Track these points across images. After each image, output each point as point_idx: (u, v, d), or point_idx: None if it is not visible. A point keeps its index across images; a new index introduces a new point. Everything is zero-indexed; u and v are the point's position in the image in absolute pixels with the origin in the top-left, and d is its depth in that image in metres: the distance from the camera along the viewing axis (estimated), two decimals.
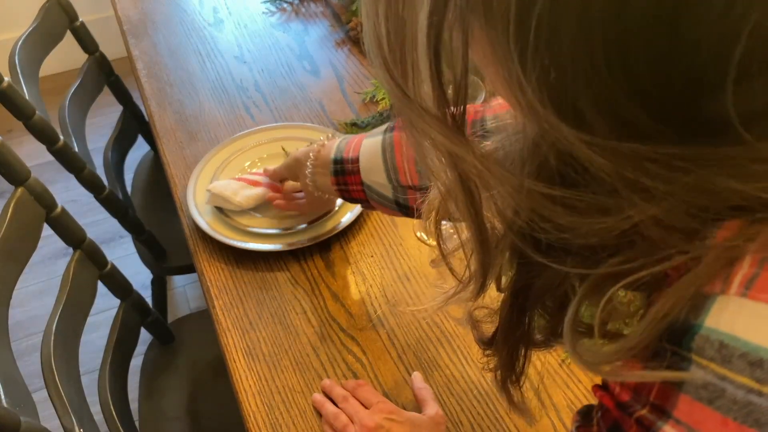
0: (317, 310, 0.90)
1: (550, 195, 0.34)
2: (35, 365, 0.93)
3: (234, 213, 1.01)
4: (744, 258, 0.30)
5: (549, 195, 0.34)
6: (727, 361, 0.30)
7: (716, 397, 0.31)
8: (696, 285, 0.31)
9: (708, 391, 0.31)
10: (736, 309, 0.30)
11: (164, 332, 1.26)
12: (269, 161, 1.08)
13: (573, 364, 0.82)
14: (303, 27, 1.45)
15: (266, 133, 1.14)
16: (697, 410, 0.32)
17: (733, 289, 0.30)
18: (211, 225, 0.99)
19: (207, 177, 1.06)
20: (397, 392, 0.81)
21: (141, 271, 1.88)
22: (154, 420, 1.16)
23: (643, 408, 0.35)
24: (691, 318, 0.31)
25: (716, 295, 0.31)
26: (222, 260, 0.97)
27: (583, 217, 0.33)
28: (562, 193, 0.34)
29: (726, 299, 0.30)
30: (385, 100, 1.14)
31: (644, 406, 0.35)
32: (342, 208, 1.01)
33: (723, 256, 0.31)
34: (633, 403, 0.36)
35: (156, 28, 1.47)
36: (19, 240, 0.92)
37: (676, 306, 0.32)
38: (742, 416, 0.30)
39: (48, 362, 0.89)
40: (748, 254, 0.30)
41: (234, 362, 0.85)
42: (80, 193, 1.38)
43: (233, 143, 1.12)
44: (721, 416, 0.31)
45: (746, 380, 0.30)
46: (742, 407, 0.30)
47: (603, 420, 0.38)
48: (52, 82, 2.11)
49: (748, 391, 0.30)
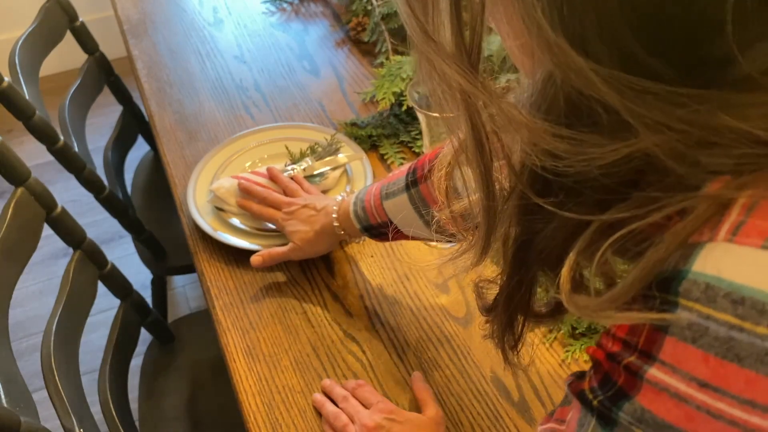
0: (317, 310, 0.90)
1: (559, 133, 0.35)
2: (35, 365, 0.93)
3: (234, 213, 1.01)
4: (733, 207, 0.32)
5: (557, 133, 0.36)
6: (711, 300, 0.31)
7: (700, 336, 0.32)
8: (686, 234, 0.33)
9: (692, 331, 0.32)
10: (722, 253, 0.32)
11: (164, 332, 1.26)
12: (270, 161, 1.08)
13: (573, 364, 0.82)
14: (303, 27, 1.45)
15: (267, 133, 1.14)
16: (680, 350, 0.33)
17: (721, 236, 0.32)
18: (211, 225, 0.99)
19: (207, 177, 1.06)
20: (397, 392, 0.81)
21: (141, 271, 1.88)
22: (154, 420, 1.16)
23: (632, 356, 0.36)
24: (680, 264, 0.33)
25: (704, 243, 0.32)
26: (222, 260, 0.97)
27: (588, 149, 0.35)
28: (569, 130, 0.35)
29: (713, 245, 0.32)
30: (385, 100, 1.14)
31: (633, 354, 0.36)
32: None
33: (713, 205, 0.32)
34: (622, 352, 0.37)
35: (156, 28, 1.47)
36: (20, 240, 0.92)
37: (666, 254, 0.33)
38: (722, 352, 0.31)
39: (48, 362, 0.89)
40: (737, 204, 0.32)
41: (234, 362, 0.85)
42: (80, 193, 1.38)
43: (233, 143, 1.12)
44: (702, 353, 0.32)
45: (729, 317, 0.31)
46: (723, 343, 0.31)
47: (595, 375, 0.39)
48: (52, 82, 2.11)
49: (730, 328, 0.31)
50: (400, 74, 1.17)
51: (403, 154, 1.11)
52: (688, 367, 0.33)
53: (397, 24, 1.31)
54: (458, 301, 0.90)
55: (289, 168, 1.04)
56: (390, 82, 1.16)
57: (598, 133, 0.35)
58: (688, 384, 0.33)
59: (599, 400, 0.38)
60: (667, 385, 0.34)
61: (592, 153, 0.35)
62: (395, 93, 1.15)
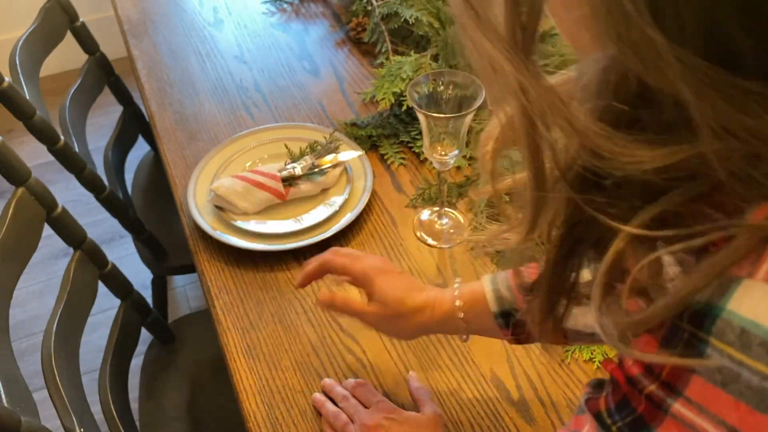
0: (317, 310, 0.90)
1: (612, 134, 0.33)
2: (36, 365, 0.93)
3: (234, 212, 1.01)
4: None
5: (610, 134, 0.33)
6: (746, 347, 0.30)
7: (731, 381, 0.31)
8: (724, 265, 0.31)
9: (722, 375, 0.31)
10: (761, 295, 0.30)
11: (164, 332, 1.26)
12: (270, 161, 1.08)
13: (573, 364, 0.82)
14: (303, 27, 1.45)
15: (266, 132, 1.14)
16: (709, 391, 0.32)
17: (761, 275, 0.30)
18: (212, 225, 0.99)
19: (208, 177, 1.07)
20: (397, 392, 0.81)
21: (141, 270, 1.88)
22: (154, 420, 1.16)
23: (653, 384, 0.34)
24: (714, 299, 0.31)
25: (742, 278, 0.31)
26: (222, 260, 0.97)
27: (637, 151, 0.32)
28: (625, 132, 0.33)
29: (751, 284, 0.30)
30: (385, 100, 1.14)
31: (654, 382, 0.34)
32: (342, 209, 1.01)
33: (755, 237, 0.31)
34: (643, 378, 0.35)
35: (156, 28, 1.47)
36: (20, 240, 0.92)
37: (701, 284, 0.32)
38: (755, 401, 0.30)
39: (48, 362, 0.90)
40: None
41: (234, 362, 0.85)
42: (81, 193, 1.38)
43: (234, 143, 1.12)
44: (733, 399, 0.31)
45: (764, 368, 0.30)
46: (757, 393, 0.30)
47: (613, 395, 0.38)
48: (53, 82, 2.11)
49: (763, 378, 0.30)
50: (400, 74, 1.17)
51: (402, 154, 1.12)
52: (717, 410, 0.32)
53: (397, 24, 1.32)
54: None
55: (288, 166, 1.04)
56: (390, 83, 1.16)
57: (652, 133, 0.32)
58: (716, 427, 0.32)
59: (618, 426, 0.37)
60: (693, 422, 0.33)
61: (641, 156, 0.32)
62: (395, 93, 1.15)
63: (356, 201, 1.02)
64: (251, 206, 1.00)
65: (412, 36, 1.32)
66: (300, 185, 1.03)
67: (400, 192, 1.06)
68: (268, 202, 1.01)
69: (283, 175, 1.02)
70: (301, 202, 1.03)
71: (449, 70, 0.90)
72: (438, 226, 1.00)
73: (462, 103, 0.89)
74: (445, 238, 0.99)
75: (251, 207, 1.00)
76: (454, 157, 0.90)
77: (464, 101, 0.89)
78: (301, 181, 1.03)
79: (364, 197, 1.01)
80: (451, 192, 1.05)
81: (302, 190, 1.03)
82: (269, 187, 1.01)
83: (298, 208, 1.03)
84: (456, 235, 0.99)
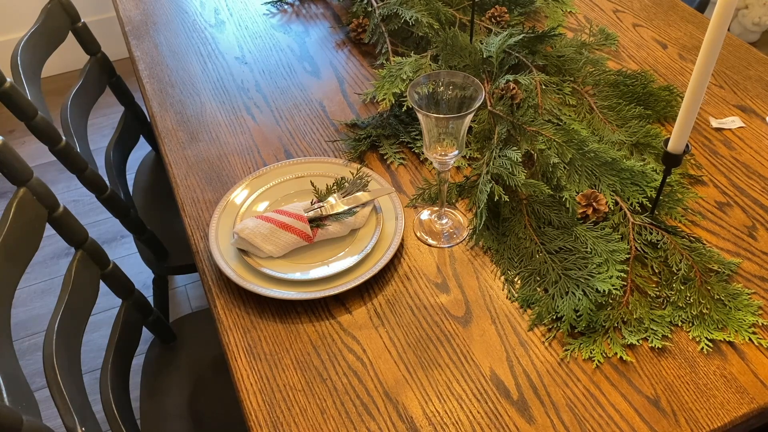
0: (318, 310, 0.91)
1: None
2: (37, 364, 0.94)
3: (259, 255, 0.95)
4: None
5: None
6: None
7: None
8: None
9: None
10: None
11: (166, 331, 1.26)
12: (295, 198, 1.03)
13: (572, 363, 0.82)
14: (303, 28, 1.46)
15: (290, 167, 1.08)
16: None
17: None
18: (236, 270, 0.93)
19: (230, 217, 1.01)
20: (396, 392, 0.81)
21: (142, 270, 1.89)
22: (155, 419, 1.16)
23: None
24: None
25: None
26: None
27: None
28: None
29: None
30: (385, 101, 1.15)
31: None
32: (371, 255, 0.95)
33: None
34: None
35: (157, 29, 1.48)
36: (22, 240, 0.92)
37: None
38: None
39: (50, 361, 0.90)
40: None
41: (235, 361, 0.85)
42: (82, 193, 1.39)
43: (256, 179, 1.06)
44: None
45: None
46: None
47: None
48: (54, 83, 2.12)
49: None
50: (400, 75, 1.17)
51: (402, 154, 1.12)
52: None
53: (397, 25, 1.32)
54: (458, 300, 0.90)
55: (315, 206, 0.98)
56: (390, 83, 1.17)
57: None
58: None
59: None
60: None
61: None
62: (395, 94, 1.15)
63: (387, 243, 0.96)
64: (276, 249, 0.94)
65: (412, 37, 1.32)
66: (328, 227, 0.96)
67: (400, 192, 1.06)
68: (294, 245, 0.95)
69: (310, 216, 0.96)
70: (329, 244, 0.98)
71: (449, 71, 0.90)
72: (438, 226, 1.01)
73: (462, 104, 0.89)
74: (445, 238, 0.99)
75: (276, 250, 0.94)
76: (454, 157, 0.91)
77: (464, 102, 0.89)
78: (329, 222, 0.97)
79: (395, 242, 0.96)
80: (451, 192, 1.05)
81: (330, 231, 0.96)
82: (296, 228, 0.95)
83: (326, 252, 0.97)
84: (456, 235, 0.99)
